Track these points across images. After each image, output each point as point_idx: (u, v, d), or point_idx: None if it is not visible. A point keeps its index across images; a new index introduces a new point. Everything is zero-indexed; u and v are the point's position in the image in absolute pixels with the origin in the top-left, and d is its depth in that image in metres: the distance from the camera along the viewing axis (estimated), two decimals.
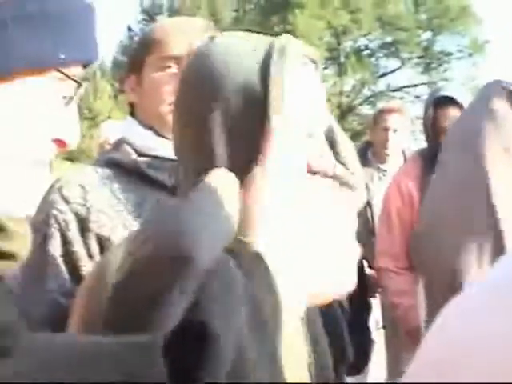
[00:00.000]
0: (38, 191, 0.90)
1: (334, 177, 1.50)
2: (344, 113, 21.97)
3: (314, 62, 1.32)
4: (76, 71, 0.88)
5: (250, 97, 1.22)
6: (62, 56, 0.83)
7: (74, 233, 1.72)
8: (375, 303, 4.01)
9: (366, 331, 3.65)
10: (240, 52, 1.26)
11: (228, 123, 1.22)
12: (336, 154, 1.50)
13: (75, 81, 0.88)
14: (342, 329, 1.45)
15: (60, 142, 0.87)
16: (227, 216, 0.95)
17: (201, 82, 1.25)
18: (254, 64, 1.23)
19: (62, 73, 0.85)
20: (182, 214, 0.94)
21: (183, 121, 1.29)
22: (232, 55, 1.25)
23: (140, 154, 1.85)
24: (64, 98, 0.88)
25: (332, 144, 1.49)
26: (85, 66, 0.90)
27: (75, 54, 0.85)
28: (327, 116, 1.44)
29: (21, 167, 0.83)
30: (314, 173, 1.30)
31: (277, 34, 1.34)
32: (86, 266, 1.69)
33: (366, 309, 3.77)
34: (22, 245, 0.84)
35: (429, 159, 3.36)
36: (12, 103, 0.80)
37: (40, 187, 0.90)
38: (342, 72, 22.86)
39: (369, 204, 4.14)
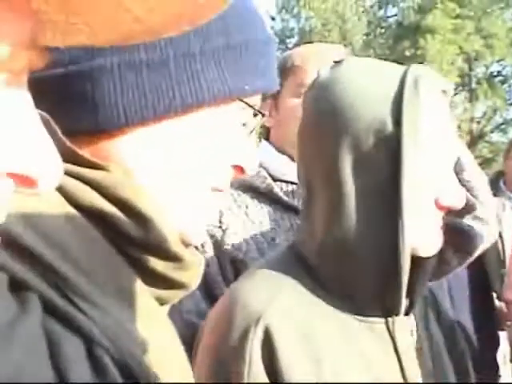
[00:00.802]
0: (214, 217, 0.92)
1: (466, 212, 1.48)
2: (474, 140, 21.46)
3: (444, 91, 1.28)
4: (255, 100, 0.91)
5: (381, 134, 1.19)
6: (247, 87, 0.86)
7: (209, 254, 1.76)
8: (503, 337, 3.90)
9: (494, 366, 3.57)
10: (369, 86, 1.22)
11: (358, 160, 1.20)
12: (466, 186, 1.48)
13: (258, 111, 0.91)
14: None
15: (239, 169, 0.90)
16: None
17: (328, 115, 1.23)
18: (386, 100, 1.20)
19: (246, 103, 0.88)
20: None
21: (309, 152, 1.28)
22: (361, 89, 1.22)
23: (274, 179, 1.88)
24: (243, 125, 0.91)
25: (462, 175, 1.47)
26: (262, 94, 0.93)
27: (259, 85, 0.88)
28: (457, 146, 1.41)
29: (200, 193, 0.86)
30: (446, 209, 1.28)
31: (407, 59, 1.30)
32: (221, 288, 1.73)
33: (494, 343, 3.69)
34: (194, 274, 0.87)
35: None
36: (197, 131, 0.84)
37: (216, 213, 0.91)
38: (473, 98, 22.38)
39: (499, 234, 4.04)
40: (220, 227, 1.77)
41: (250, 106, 0.89)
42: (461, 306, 3.31)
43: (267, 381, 1.15)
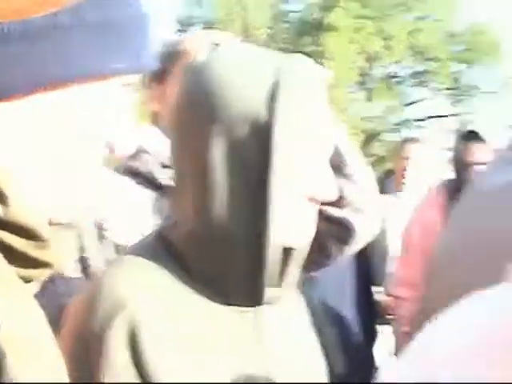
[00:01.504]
0: (83, 194, 0.90)
1: (347, 204, 1.49)
2: (369, 138, 21.88)
3: (322, 81, 1.27)
4: (134, 78, 0.89)
5: (253, 124, 1.17)
6: (120, 65, 0.83)
7: (90, 240, 1.74)
8: (388, 332, 3.98)
9: (370, 356, 3.64)
10: (244, 73, 1.20)
11: (229, 148, 1.18)
12: (350, 180, 1.50)
13: (132, 89, 0.90)
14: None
15: (111, 148, 0.88)
16: None
17: (198, 102, 1.21)
18: (261, 90, 1.18)
19: (119, 82, 0.85)
20: None
21: (180, 138, 1.24)
22: (234, 76, 1.19)
23: (163, 165, 1.87)
24: (122, 103, 0.89)
25: (345, 169, 1.49)
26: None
27: (132, 64, 0.85)
28: (338, 140, 1.42)
29: (68, 168, 0.83)
30: (317, 202, 1.28)
31: (308, 55, 1.29)
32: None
33: (372, 335, 3.76)
34: (57, 253, 0.84)
35: (453, 191, 3.36)
36: (66, 107, 0.81)
37: (85, 192, 0.90)
38: (370, 97, 22.82)
39: (385, 231, 4.12)
40: (101, 213, 1.75)
41: (124, 85, 0.87)
42: (342, 299, 3.36)
43: (131, 369, 1.12)
